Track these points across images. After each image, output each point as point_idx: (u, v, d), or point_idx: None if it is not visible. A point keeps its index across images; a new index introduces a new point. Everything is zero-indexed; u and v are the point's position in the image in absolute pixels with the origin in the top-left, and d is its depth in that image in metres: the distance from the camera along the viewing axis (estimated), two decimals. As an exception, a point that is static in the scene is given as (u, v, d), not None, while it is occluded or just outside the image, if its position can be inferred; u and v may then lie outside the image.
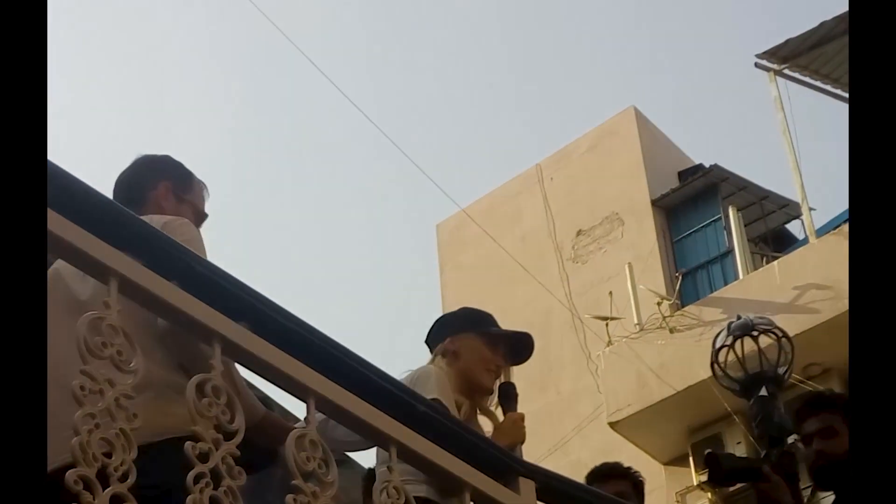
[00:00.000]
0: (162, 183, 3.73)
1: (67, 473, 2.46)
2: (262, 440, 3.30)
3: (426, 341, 4.48)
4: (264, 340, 2.87)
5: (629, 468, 4.77)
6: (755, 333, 4.86)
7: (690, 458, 14.06)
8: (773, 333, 4.87)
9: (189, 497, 2.63)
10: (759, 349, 4.84)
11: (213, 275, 2.84)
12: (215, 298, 2.79)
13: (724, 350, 4.91)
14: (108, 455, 2.55)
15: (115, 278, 2.63)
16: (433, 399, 3.92)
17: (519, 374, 16.48)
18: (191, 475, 2.66)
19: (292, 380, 2.93)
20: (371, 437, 3.17)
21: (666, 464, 14.56)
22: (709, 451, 4.70)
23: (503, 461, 3.43)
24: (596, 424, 14.70)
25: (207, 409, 2.74)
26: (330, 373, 3.01)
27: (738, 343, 4.87)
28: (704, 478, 13.77)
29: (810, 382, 12.52)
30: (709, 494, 14.06)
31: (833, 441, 4.57)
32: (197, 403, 2.72)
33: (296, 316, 3.00)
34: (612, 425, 14.29)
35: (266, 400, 4.59)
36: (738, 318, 4.97)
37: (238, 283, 2.88)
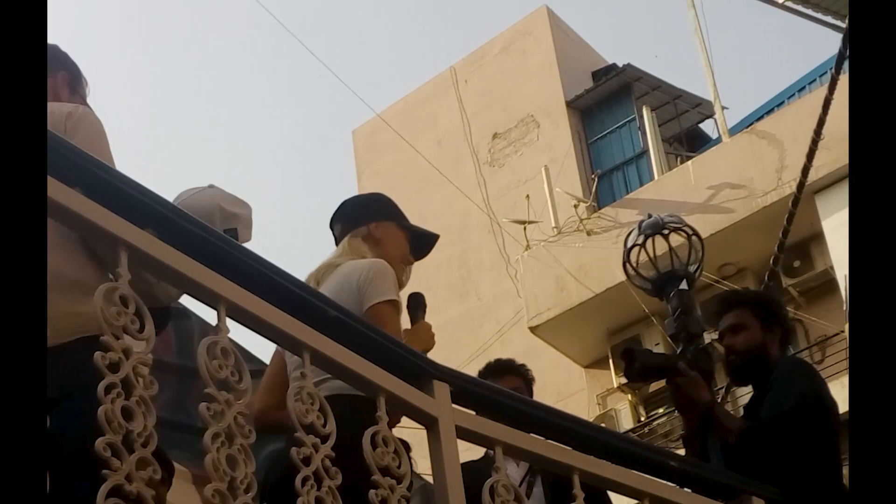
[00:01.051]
0: (60, 72, 3.66)
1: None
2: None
3: (333, 222, 4.29)
4: (171, 247, 2.83)
5: (521, 365, 4.76)
6: (666, 232, 4.88)
7: (610, 361, 14.23)
8: (684, 231, 4.90)
9: (101, 408, 2.61)
10: (671, 248, 4.86)
11: (118, 181, 2.78)
12: (120, 205, 2.74)
13: (636, 249, 4.93)
14: None
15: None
16: (389, 301, 3.87)
17: (439, 281, 16.59)
18: (102, 385, 2.63)
19: (201, 287, 2.89)
20: (283, 342, 3.15)
21: (586, 367, 14.73)
22: (625, 347, 4.73)
23: (417, 365, 3.43)
24: (517, 329, 14.80)
25: (116, 318, 2.70)
26: (240, 278, 2.97)
27: (649, 242, 4.89)
28: (625, 380, 13.97)
29: (725, 282, 12.68)
30: (629, 396, 14.25)
31: (741, 335, 4.64)
32: (105, 312, 2.68)
33: (202, 222, 2.96)
34: (533, 329, 14.41)
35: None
36: (649, 216, 4.98)
37: (143, 189, 2.83)
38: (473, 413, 3.54)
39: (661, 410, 14.24)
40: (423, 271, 16.17)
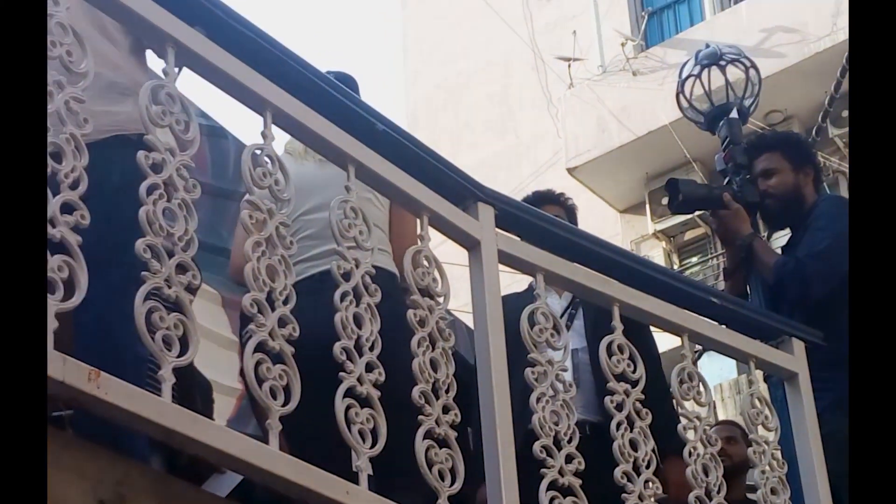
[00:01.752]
0: None
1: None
2: None
3: None
4: (220, 48, 2.76)
5: (561, 194, 4.68)
6: (723, 63, 4.75)
7: (647, 206, 14.10)
8: (742, 63, 4.77)
9: (143, 209, 2.57)
10: (727, 80, 4.74)
11: (166, -24, 2.70)
12: (168, 1, 2.66)
13: (691, 80, 4.80)
14: (59, 161, 2.47)
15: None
16: None
17: (477, 117, 16.49)
18: (144, 185, 2.59)
19: (249, 91, 2.83)
20: (329, 154, 3.08)
21: (622, 211, 14.62)
22: (669, 178, 4.65)
23: (463, 186, 3.37)
24: (554, 170, 14.67)
25: (160, 118, 2.65)
26: (288, 86, 2.91)
27: (704, 73, 4.77)
28: (660, 226, 13.89)
29: (772, 129, 12.49)
30: (663, 243, 14.19)
31: (773, 179, 4.57)
32: (149, 110, 2.63)
33: (255, 25, 2.88)
34: (570, 171, 14.28)
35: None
36: (707, 46, 4.85)
37: (193, -14, 2.75)
38: (517, 238, 3.49)
39: (694, 259, 14.18)
40: (463, 107, 16.04)
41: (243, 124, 4.02)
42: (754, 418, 3.75)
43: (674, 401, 3.59)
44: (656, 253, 14.18)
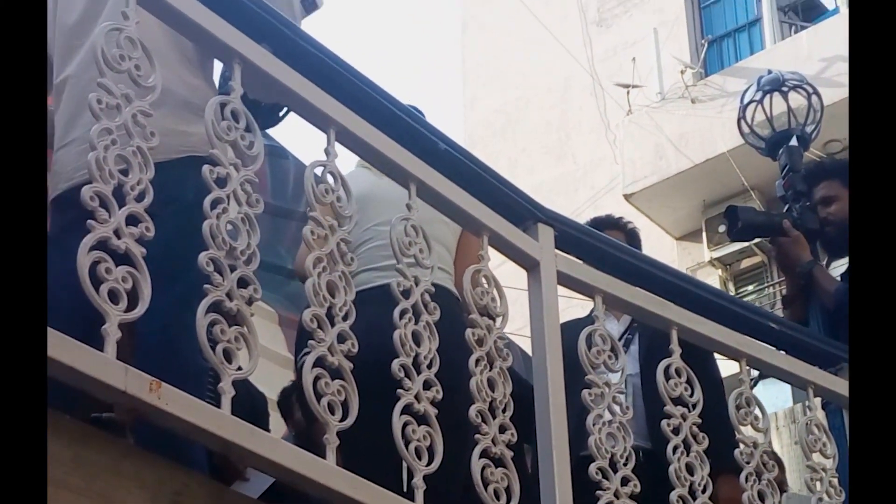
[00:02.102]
0: None
1: (84, 189, 2.42)
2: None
3: None
4: (286, 65, 2.78)
5: (620, 218, 4.68)
6: (785, 89, 4.73)
7: (704, 234, 14.05)
8: (804, 89, 4.75)
9: (206, 222, 2.59)
10: (789, 106, 4.72)
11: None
12: (237, 16, 2.70)
13: (752, 106, 4.79)
14: (125, 173, 2.50)
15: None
16: None
17: (535, 142, 16.50)
18: (208, 200, 2.61)
19: (313, 108, 2.86)
20: (391, 172, 3.10)
21: (679, 238, 14.56)
22: (728, 205, 4.64)
23: (524, 206, 3.38)
24: (611, 196, 14.65)
25: (226, 133, 2.67)
26: (352, 103, 2.93)
27: (766, 99, 4.75)
28: (716, 254, 13.82)
29: (840, 159, 12.40)
30: (719, 271, 14.12)
31: (833, 206, 4.55)
32: (216, 126, 2.66)
33: (320, 42, 2.91)
34: (627, 197, 14.24)
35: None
36: (769, 72, 4.83)
37: (262, 4, 2.78)
38: (576, 260, 3.49)
39: (750, 287, 14.10)
40: (521, 132, 16.06)
41: (306, 143, 4.06)
42: (812, 445, 3.72)
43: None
44: (712, 280, 14.11)
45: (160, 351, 2.87)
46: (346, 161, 3.20)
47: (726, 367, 4.26)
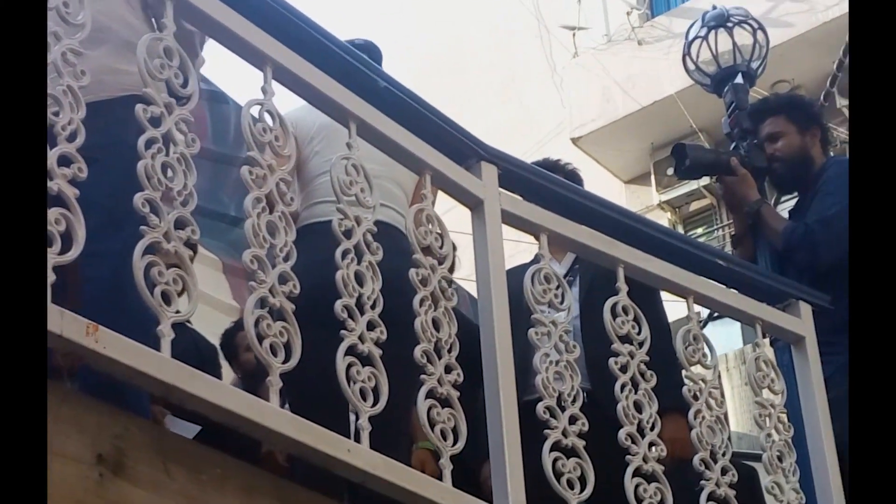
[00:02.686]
0: None
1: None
2: None
3: None
4: (220, 2, 2.72)
5: (558, 160, 4.65)
6: (730, 25, 4.69)
7: (652, 177, 14.04)
8: (749, 25, 4.71)
9: (140, 163, 2.54)
10: (734, 42, 4.69)
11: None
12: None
13: (697, 42, 4.75)
14: (56, 113, 2.44)
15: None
16: None
17: (480, 85, 16.35)
18: (142, 140, 2.56)
19: (248, 45, 2.80)
20: (330, 111, 3.05)
21: (627, 182, 14.56)
22: (676, 143, 4.61)
23: (466, 145, 3.34)
24: (558, 140, 14.59)
25: (159, 71, 2.61)
26: (289, 40, 2.88)
27: (711, 35, 4.72)
28: (665, 197, 13.83)
29: (785, 94, 12.39)
30: (668, 214, 14.14)
31: (780, 142, 4.54)
32: (148, 64, 2.59)
33: (253, -21, 2.84)
34: (575, 141, 14.20)
35: None
36: (714, 7, 4.79)
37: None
38: (520, 198, 3.46)
39: (700, 230, 14.14)
40: (466, 74, 15.95)
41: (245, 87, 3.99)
42: (760, 381, 3.71)
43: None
44: (661, 223, 14.13)
45: (110, 296, 2.82)
46: (287, 100, 3.15)
47: (676, 310, 4.25)
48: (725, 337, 10.87)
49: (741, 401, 9.62)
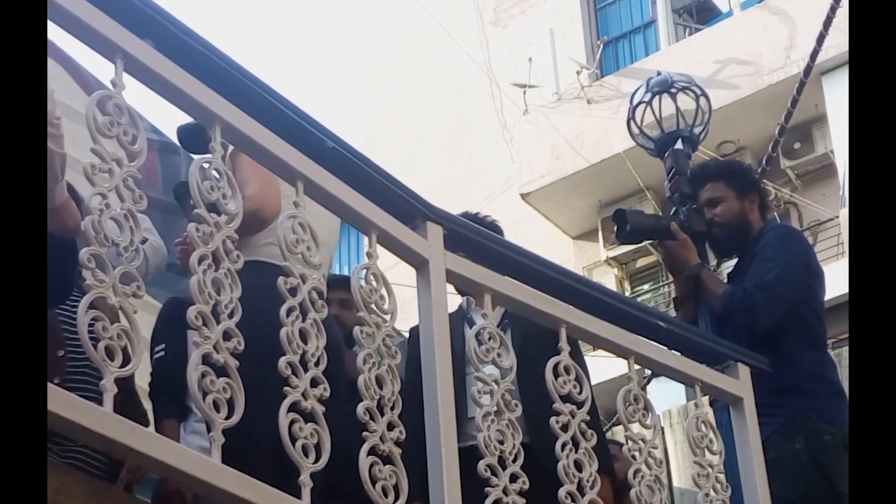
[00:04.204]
0: None
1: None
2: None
3: None
4: (169, 60, 2.75)
5: (477, 213, 4.67)
6: (674, 91, 4.78)
7: (600, 233, 14.15)
8: (692, 91, 4.80)
9: (87, 218, 2.58)
10: (677, 107, 4.77)
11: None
12: (119, 11, 2.66)
13: (642, 107, 4.83)
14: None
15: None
16: None
17: (431, 141, 16.42)
18: (88, 195, 2.60)
19: (197, 104, 2.83)
20: (277, 169, 3.08)
21: (575, 238, 14.67)
22: (617, 209, 4.67)
23: (413, 205, 3.37)
24: (507, 195, 14.69)
25: (108, 128, 2.64)
26: (237, 100, 2.91)
27: (655, 100, 4.80)
28: (612, 253, 13.93)
29: (723, 160, 12.55)
30: (615, 270, 14.24)
31: (719, 207, 4.60)
32: (97, 121, 2.62)
33: (204, 38, 2.88)
34: (524, 197, 14.32)
35: None
36: (658, 73, 4.88)
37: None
38: (465, 258, 3.50)
39: (646, 286, 14.25)
40: (417, 131, 16.04)
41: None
42: (699, 441, 3.76)
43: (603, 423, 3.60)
44: (608, 279, 14.24)
45: None
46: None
47: (616, 367, 4.29)
48: (669, 393, 10.92)
49: (684, 456, 9.66)
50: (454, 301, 3.69)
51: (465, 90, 15.82)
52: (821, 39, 7.90)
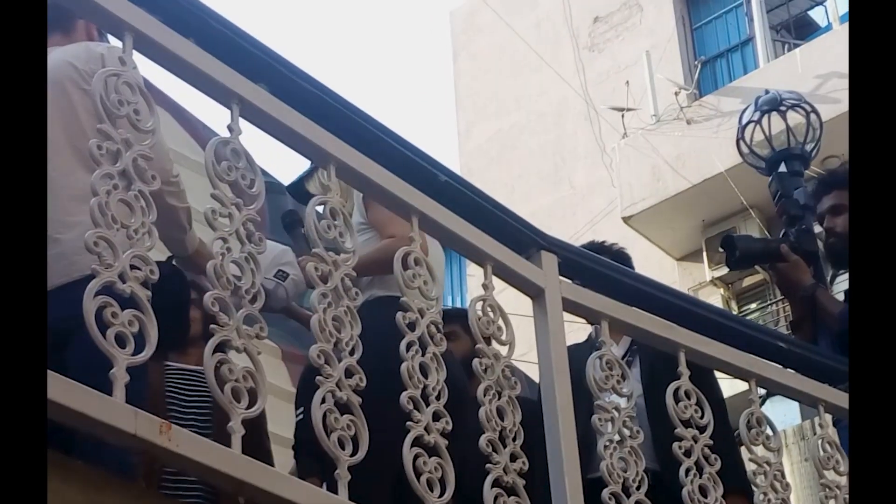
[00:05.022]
0: None
1: (87, 235, 2.43)
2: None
3: None
4: (283, 103, 2.79)
5: (604, 241, 4.66)
6: (783, 108, 4.73)
7: (704, 254, 14.03)
8: (802, 108, 4.74)
9: (209, 263, 2.60)
10: (787, 125, 4.72)
11: (232, 33, 2.74)
12: (233, 57, 2.70)
13: (751, 126, 4.79)
14: (129, 217, 2.51)
15: (129, 33, 2.54)
16: None
17: (531, 168, 16.50)
18: (212, 238, 2.63)
19: (312, 145, 2.86)
20: (393, 206, 3.11)
21: (679, 259, 14.55)
22: (725, 235, 4.63)
23: (526, 235, 3.38)
24: (610, 219, 14.65)
25: (226, 173, 2.68)
26: (351, 139, 2.94)
27: (765, 119, 4.75)
28: (718, 273, 13.80)
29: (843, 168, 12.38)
30: (721, 290, 14.11)
31: (841, 217, 4.52)
32: (216, 167, 2.66)
33: (316, 79, 2.91)
34: (626, 220, 14.24)
35: None
36: (766, 92, 4.83)
37: (257, 43, 2.79)
38: (580, 286, 3.49)
39: (753, 306, 14.09)
40: (517, 159, 16.07)
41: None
42: (825, 462, 3.70)
43: (739, 445, 3.56)
44: (715, 300, 14.10)
45: None
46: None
47: (733, 386, 4.25)
48: (783, 413, 10.79)
49: (801, 477, 9.54)
50: (573, 329, 3.68)
51: (563, 116, 15.81)
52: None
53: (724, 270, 13.71)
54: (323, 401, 2.68)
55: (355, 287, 2.88)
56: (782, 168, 4.71)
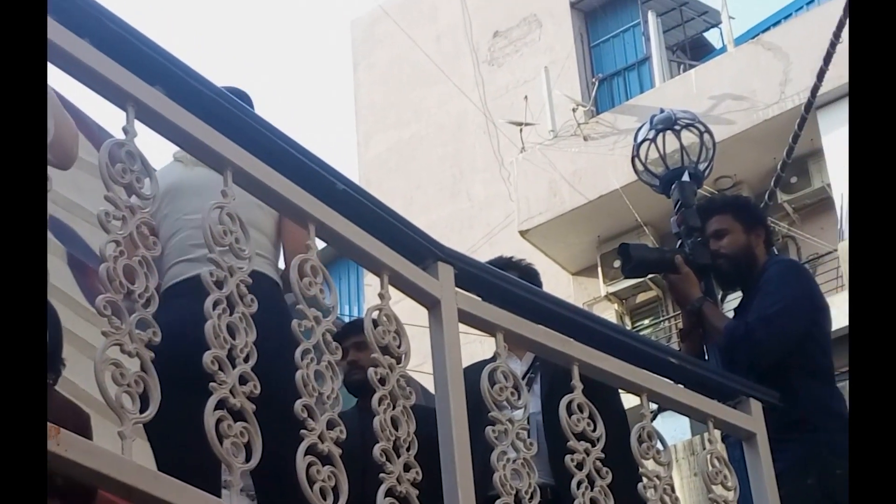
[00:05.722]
0: None
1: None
2: None
3: None
4: (180, 106, 2.76)
5: (511, 257, 4.69)
6: (677, 128, 4.79)
7: (599, 269, 14.18)
8: (696, 128, 4.81)
9: (102, 266, 2.57)
10: (681, 144, 4.78)
11: (128, 34, 2.70)
12: (129, 59, 2.66)
13: (646, 144, 4.84)
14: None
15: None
16: None
17: (430, 179, 16.54)
18: (101, 243, 2.59)
19: (209, 150, 2.82)
20: (288, 212, 3.08)
21: (575, 274, 14.68)
22: (621, 243, 4.68)
23: (423, 245, 3.37)
24: (506, 232, 14.74)
25: (121, 176, 2.64)
26: (248, 144, 2.91)
27: (659, 137, 4.81)
28: (612, 289, 13.94)
29: (721, 195, 12.58)
30: (615, 305, 14.25)
31: (725, 239, 4.61)
32: (110, 169, 2.62)
33: (213, 83, 2.88)
34: (523, 234, 14.34)
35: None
36: (662, 111, 4.89)
37: (154, 45, 2.75)
38: (477, 298, 3.49)
39: (646, 321, 14.26)
40: (415, 169, 16.09)
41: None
42: (713, 477, 3.74)
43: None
44: (609, 315, 14.25)
45: None
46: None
47: (626, 400, 4.28)
48: (673, 428, 10.92)
49: (690, 491, 9.65)
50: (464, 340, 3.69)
51: (462, 129, 15.88)
52: (821, 75, 7.94)
53: (619, 286, 13.86)
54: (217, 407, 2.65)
55: (249, 295, 2.84)
56: (685, 178, 4.77)
